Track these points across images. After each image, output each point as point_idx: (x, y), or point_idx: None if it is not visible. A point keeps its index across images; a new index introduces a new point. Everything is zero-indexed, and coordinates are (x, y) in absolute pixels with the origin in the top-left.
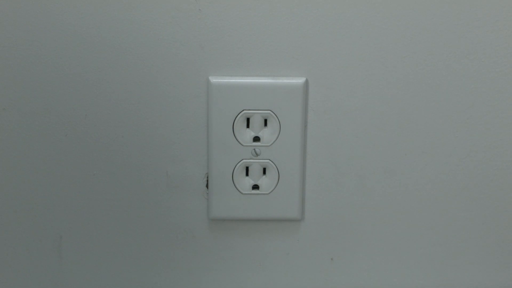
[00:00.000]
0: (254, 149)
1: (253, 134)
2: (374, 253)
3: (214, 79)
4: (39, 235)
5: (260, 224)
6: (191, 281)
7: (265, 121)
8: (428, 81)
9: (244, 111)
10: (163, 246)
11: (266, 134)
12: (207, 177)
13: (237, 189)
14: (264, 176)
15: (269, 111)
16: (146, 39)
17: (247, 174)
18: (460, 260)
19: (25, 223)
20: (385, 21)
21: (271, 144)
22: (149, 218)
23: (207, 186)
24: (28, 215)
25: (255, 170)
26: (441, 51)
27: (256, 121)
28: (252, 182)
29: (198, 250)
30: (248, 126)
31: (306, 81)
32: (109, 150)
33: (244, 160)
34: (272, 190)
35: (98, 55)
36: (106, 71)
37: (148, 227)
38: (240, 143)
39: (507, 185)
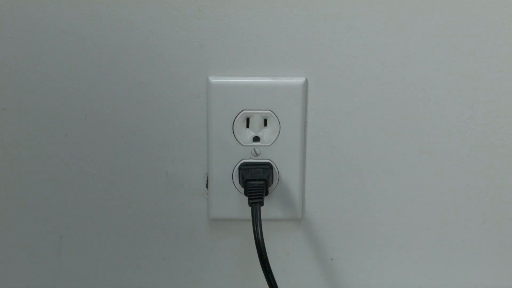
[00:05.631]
0: (254, 149)
1: (253, 134)
2: (374, 253)
3: (214, 79)
4: (39, 235)
5: None
6: (191, 281)
7: (265, 121)
8: (428, 81)
9: (244, 111)
10: (163, 246)
11: (266, 134)
12: (207, 177)
13: (237, 189)
14: None
15: (269, 111)
16: (146, 39)
17: None
18: (460, 260)
19: (25, 223)
20: (385, 21)
21: (271, 144)
22: (149, 218)
23: (207, 186)
24: (28, 215)
25: None
26: (441, 51)
27: (256, 121)
28: None
29: (198, 250)
30: (248, 126)
31: (306, 81)
32: (109, 150)
33: (244, 160)
34: (272, 190)
35: (98, 55)
36: (106, 71)
37: (148, 227)
38: (240, 143)
39: (507, 185)
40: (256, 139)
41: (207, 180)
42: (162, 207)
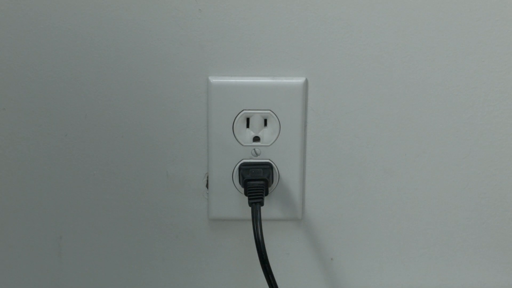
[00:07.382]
0: (254, 149)
1: (253, 134)
2: (374, 253)
3: (214, 79)
4: (39, 235)
5: None
6: (191, 281)
7: (265, 121)
8: (428, 81)
9: (244, 111)
10: (163, 246)
11: (266, 134)
12: (207, 177)
13: (237, 189)
14: None
15: (269, 111)
16: (146, 39)
17: None
18: (460, 260)
19: (25, 223)
20: (385, 21)
21: (271, 144)
22: (149, 218)
23: (207, 186)
24: (28, 215)
25: None
26: (441, 51)
27: (256, 121)
28: None
29: (198, 250)
30: (248, 126)
31: (306, 81)
32: (109, 150)
33: (244, 160)
34: (272, 190)
35: (98, 55)
36: (106, 71)
37: (148, 227)
38: (240, 143)
39: (507, 185)
40: (256, 139)
41: (207, 180)
42: (162, 207)
